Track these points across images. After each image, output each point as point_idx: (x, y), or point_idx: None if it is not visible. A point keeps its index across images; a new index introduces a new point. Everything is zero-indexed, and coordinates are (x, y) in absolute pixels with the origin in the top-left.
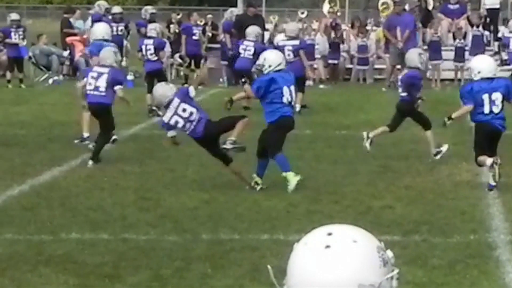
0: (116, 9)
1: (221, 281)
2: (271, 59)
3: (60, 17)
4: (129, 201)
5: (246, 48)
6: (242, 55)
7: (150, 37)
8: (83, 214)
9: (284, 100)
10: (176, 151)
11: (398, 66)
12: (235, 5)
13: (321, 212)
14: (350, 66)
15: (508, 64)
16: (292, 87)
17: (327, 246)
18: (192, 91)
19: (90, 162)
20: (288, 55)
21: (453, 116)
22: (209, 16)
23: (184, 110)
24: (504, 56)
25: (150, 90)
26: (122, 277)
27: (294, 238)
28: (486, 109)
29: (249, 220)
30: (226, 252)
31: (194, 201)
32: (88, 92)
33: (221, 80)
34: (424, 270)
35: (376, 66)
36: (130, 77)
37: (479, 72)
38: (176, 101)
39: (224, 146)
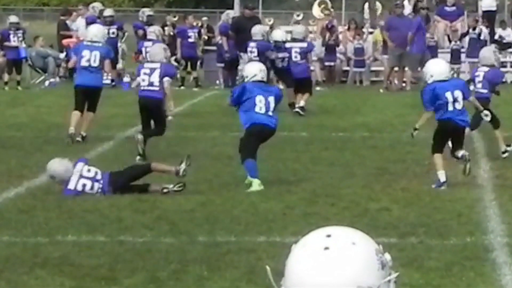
0: (108, 11)
1: (217, 283)
2: (247, 70)
3: (56, 19)
4: (125, 203)
5: (252, 50)
6: (249, 58)
7: (150, 40)
8: (79, 216)
9: (257, 109)
10: (172, 153)
11: (396, 68)
12: (231, 8)
13: (317, 214)
14: (346, 68)
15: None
16: (271, 98)
17: (326, 248)
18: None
19: (140, 136)
20: (295, 57)
21: (417, 126)
22: (205, 18)
23: (89, 170)
24: (502, 58)
25: None
26: (118, 279)
27: (290, 240)
28: (450, 107)
29: (245, 222)
30: (223, 254)
31: (191, 203)
32: (142, 88)
33: (217, 82)
34: (421, 272)
35: (373, 68)
36: (126, 79)
37: (431, 76)
38: (80, 164)
39: (181, 173)
